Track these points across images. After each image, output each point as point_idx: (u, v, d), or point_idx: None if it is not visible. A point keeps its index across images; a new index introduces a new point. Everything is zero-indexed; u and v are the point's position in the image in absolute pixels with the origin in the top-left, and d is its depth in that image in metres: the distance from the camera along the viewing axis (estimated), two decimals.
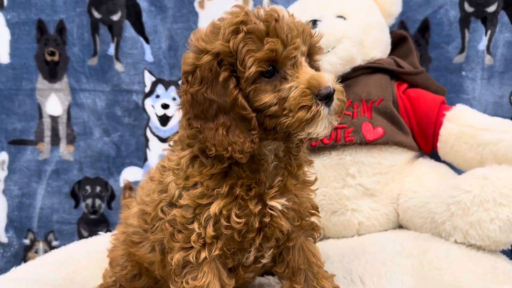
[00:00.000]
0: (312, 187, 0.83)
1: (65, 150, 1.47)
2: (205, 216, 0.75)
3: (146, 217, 0.85)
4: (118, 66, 1.45)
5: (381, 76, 1.19)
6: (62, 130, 1.47)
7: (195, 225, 0.75)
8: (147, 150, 1.46)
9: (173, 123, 1.46)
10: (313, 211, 0.85)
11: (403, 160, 1.17)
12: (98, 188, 1.47)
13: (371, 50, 1.20)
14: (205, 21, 1.42)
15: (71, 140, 1.47)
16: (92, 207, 1.46)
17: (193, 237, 0.75)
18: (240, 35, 0.70)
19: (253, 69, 0.70)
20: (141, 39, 1.44)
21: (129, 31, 1.44)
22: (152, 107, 1.45)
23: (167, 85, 1.45)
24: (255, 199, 0.75)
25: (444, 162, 1.22)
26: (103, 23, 1.45)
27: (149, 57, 1.44)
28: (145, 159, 1.46)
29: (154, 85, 1.45)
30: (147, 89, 1.45)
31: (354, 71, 1.17)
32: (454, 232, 1.01)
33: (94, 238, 1.31)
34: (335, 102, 0.71)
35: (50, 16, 1.45)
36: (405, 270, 0.93)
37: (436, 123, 1.17)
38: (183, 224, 0.76)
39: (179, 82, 1.46)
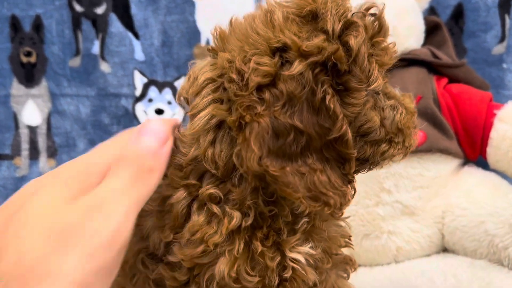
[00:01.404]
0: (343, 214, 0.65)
1: (45, 165, 1.30)
2: (207, 277, 0.54)
3: (123, 261, 0.65)
4: (104, 67, 1.28)
5: (418, 70, 1.01)
6: (42, 142, 1.30)
7: None
8: None
9: None
10: (346, 241, 0.66)
11: (448, 170, 0.98)
12: None
13: (406, 39, 1.01)
14: (203, 12, 1.25)
15: (52, 153, 1.30)
16: None
17: None
18: (361, 32, 0.49)
19: (380, 79, 0.51)
20: (130, 34, 1.27)
21: (115, 25, 1.27)
22: (145, 113, 1.28)
23: (161, 87, 1.28)
24: (272, 248, 0.55)
25: (493, 170, 1.03)
26: (86, 18, 1.27)
27: (139, 55, 1.27)
28: None
29: (146, 87, 1.27)
30: (138, 92, 1.27)
31: None
32: None
33: None
34: None
35: (25, 11, 1.27)
36: None
37: (485, 125, 0.98)
38: None
39: (175, 84, 1.31)
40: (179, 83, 1.28)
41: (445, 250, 1.00)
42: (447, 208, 0.97)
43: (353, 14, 0.51)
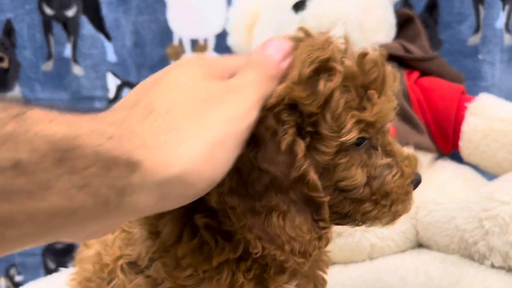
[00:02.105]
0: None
1: None
2: None
3: (103, 264, 0.65)
4: (77, 70, 1.26)
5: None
6: None
7: None
8: None
9: None
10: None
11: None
12: None
13: (374, 34, 1.00)
14: (174, 11, 1.24)
15: None
16: None
17: None
18: (337, 78, 0.46)
19: (354, 133, 0.47)
20: (102, 36, 1.26)
21: (87, 28, 1.25)
22: None
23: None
24: (253, 282, 0.54)
25: (467, 163, 1.02)
26: (57, 21, 1.26)
27: (111, 56, 1.26)
28: None
29: (119, 89, 1.26)
30: (111, 95, 1.26)
31: None
32: (490, 254, 0.81)
33: (54, 276, 1.11)
34: None
35: None
36: None
37: (456, 118, 0.97)
38: None
39: None
40: None
41: (420, 245, 0.99)
42: (420, 203, 0.95)
43: (341, 58, 0.47)
